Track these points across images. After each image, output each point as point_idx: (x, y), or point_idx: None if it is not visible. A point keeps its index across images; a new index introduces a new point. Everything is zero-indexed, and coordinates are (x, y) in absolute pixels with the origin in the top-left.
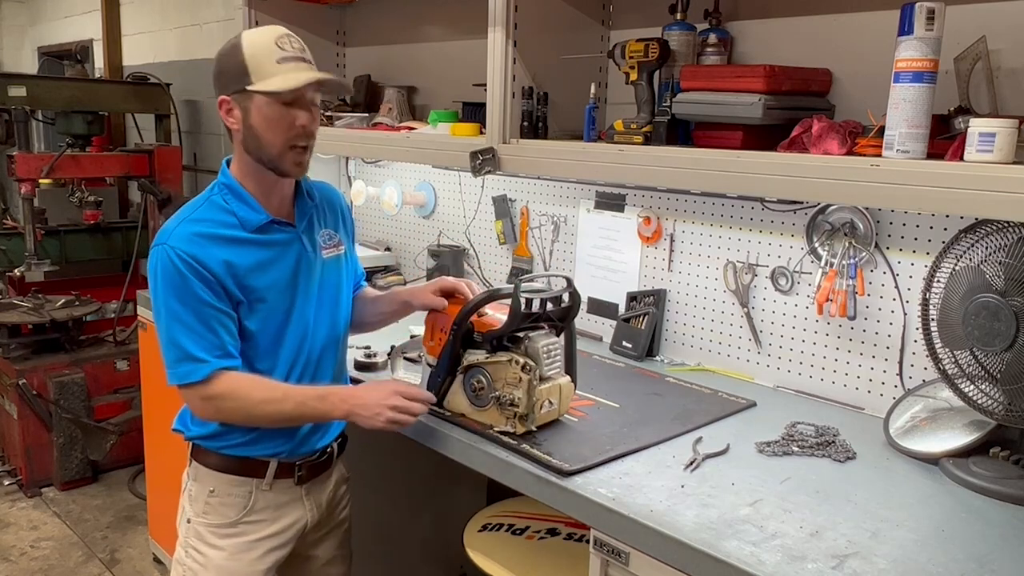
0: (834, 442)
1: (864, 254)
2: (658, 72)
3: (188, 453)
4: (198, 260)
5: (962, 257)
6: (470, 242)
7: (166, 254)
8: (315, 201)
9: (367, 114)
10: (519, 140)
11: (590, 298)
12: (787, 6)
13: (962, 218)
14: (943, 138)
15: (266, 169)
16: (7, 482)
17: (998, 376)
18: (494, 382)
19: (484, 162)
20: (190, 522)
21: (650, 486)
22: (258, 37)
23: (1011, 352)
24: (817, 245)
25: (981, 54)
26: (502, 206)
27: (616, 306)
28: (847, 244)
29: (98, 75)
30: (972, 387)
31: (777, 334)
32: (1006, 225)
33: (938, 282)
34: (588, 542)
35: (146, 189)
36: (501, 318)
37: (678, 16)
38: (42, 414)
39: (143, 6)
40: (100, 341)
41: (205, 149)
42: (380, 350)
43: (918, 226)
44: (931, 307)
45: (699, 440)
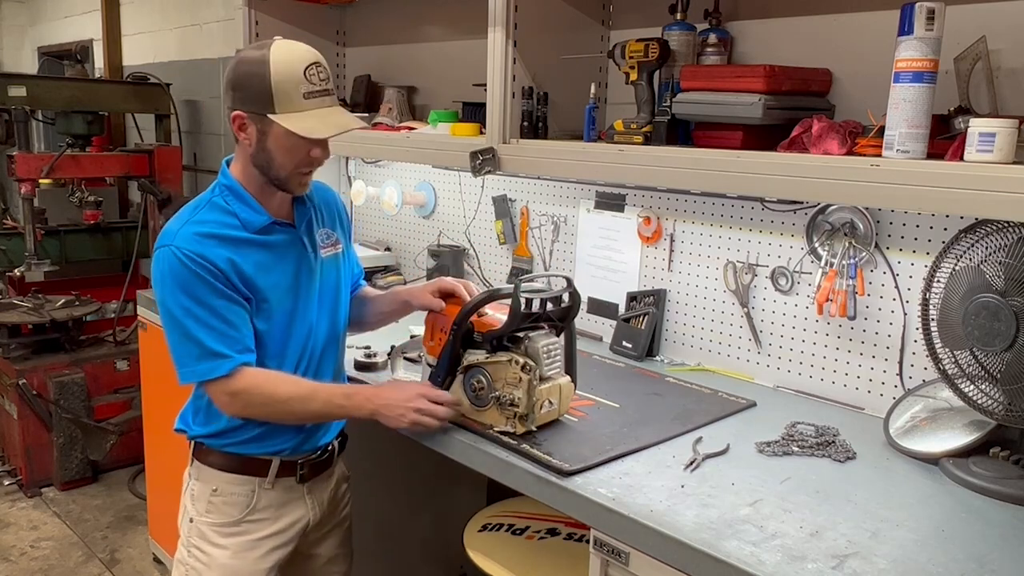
0: (834, 442)
1: (864, 254)
2: (658, 72)
3: (190, 452)
4: (205, 258)
5: (962, 257)
6: (470, 242)
7: (173, 255)
8: (313, 202)
9: (367, 114)
10: (519, 140)
11: (590, 298)
12: (787, 6)
13: (962, 218)
14: (943, 138)
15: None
16: (7, 482)
17: (998, 376)
18: (494, 382)
19: (484, 162)
20: (192, 521)
21: (650, 486)
22: (286, 64)
23: (1011, 352)
24: (817, 245)
25: (981, 54)
26: (502, 206)
27: (616, 306)
28: (847, 244)
29: (98, 75)
30: (972, 387)
31: (777, 334)
32: (1006, 225)
33: (938, 282)
34: (588, 542)
35: (146, 189)
36: (501, 318)
37: (678, 16)
38: (42, 414)
39: (143, 6)
40: (100, 341)
41: (205, 149)
42: (380, 350)
43: (918, 226)
44: (931, 307)
45: (699, 440)
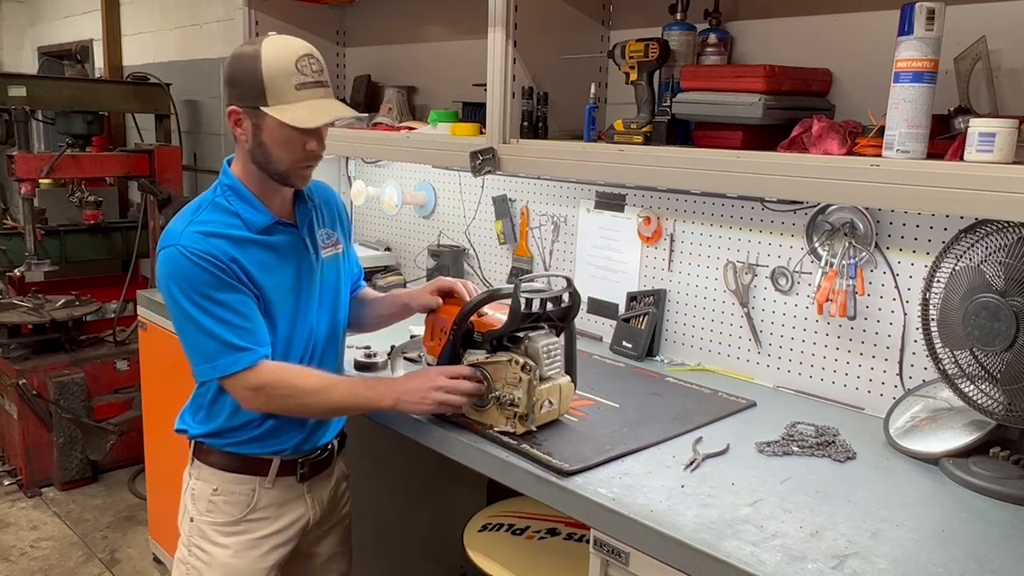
0: (834, 442)
1: (864, 254)
2: (658, 72)
3: (190, 452)
4: (212, 255)
5: (962, 257)
6: (470, 242)
7: (179, 254)
8: (314, 201)
9: (367, 114)
10: (519, 140)
11: (590, 298)
12: (787, 6)
13: (962, 218)
14: (943, 138)
15: (270, 177)
16: (7, 482)
17: (998, 376)
18: (494, 382)
19: (484, 162)
20: (193, 521)
21: (650, 486)
22: (278, 56)
23: (1011, 352)
24: (817, 245)
25: (981, 54)
26: (502, 206)
27: (616, 306)
28: (847, 244)
29: (98, 75)
30: (972, 387)
31: (777, 334)
32: (1006, 225)
33: (938, 282)
34: (588, 542)
35: (146, 189)
36: (501, 318)
37: (678, 16)
38: (42, 414)
39: (143, 6)
40: (100, 341)
41: (205, 149)
42: (380, 350)
43: (918, 226)
44: (931, 307)
45: (699, 440)
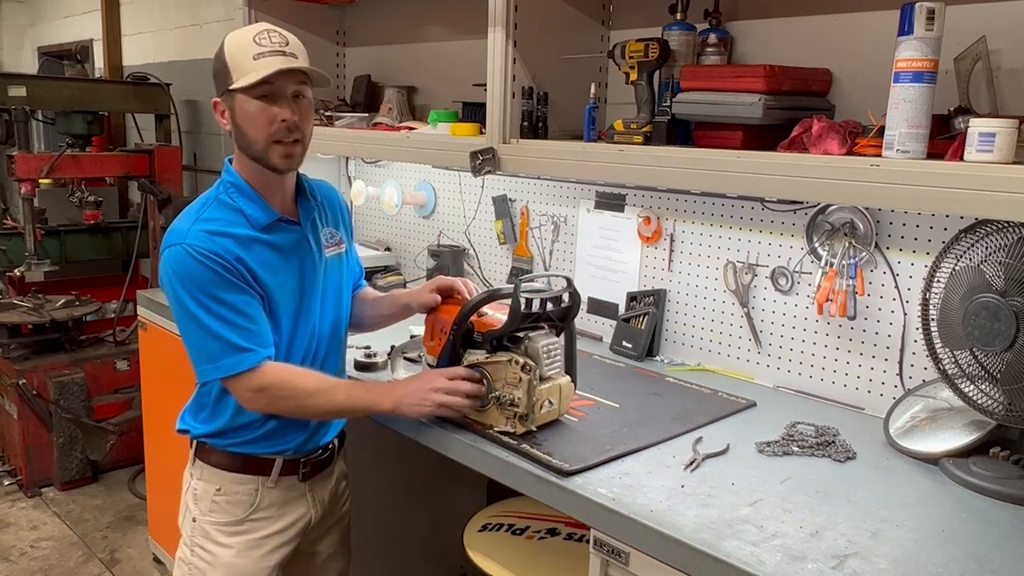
0: (834, 442)
1: (864, 254)
2: (658, 72)
3: (191, 452)
4: (218, 255)
5: (962, 257)
6: (470, 242)
7: (185, 252)
8: (317, 200)
9: (367, 114)
10: (519, 140)
11: (590, 298)
12: (787, 6)
13: (962, 218)
14: (943, 138)
15: (262, 167)
16: (7, 482)
17: (998, 376)
18: (494, 382)
19: (484, 162)
20: (196, 521)
21: (650, 486)
22: (238, 36)
23: (1011, 352)
24: (817, 245)
25: (981, 54)
26: (502, 206)
27: (616, 306)
28: (847, 244)
29: (98, 75)
30: (972, 387)
31: (777, 334)
32: (1006, 225)
33: (938, 282)
34: (588, 542)
35: (146, 189)
36: (501, 318)
37: (678, 16)
38: (42, 414)
39: (143, 6)
40: (100, 341)
41: (205, 149)
42: (380, 350)
43: (918, 226)
44: (931, 307)
45: (699, 440)
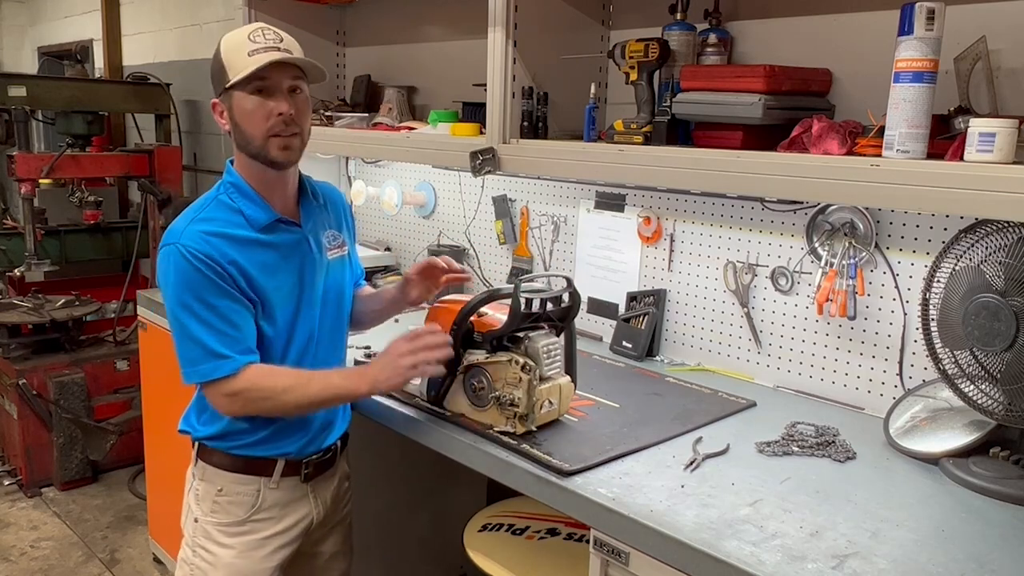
0: (834, 442)
1: (864, 254)
2: (658, 72)
3: (194, 453)
4: (211, 258)
5: (962, 257)
6: (470, 242)
7: (179, 253)
8: (319, 202)
9: (367, 114)
10: (519, 140)
11: (590, 298)
12: (787, 6)
13: (962, 218)
14: (943, 138)
15: (262, 165)
16: (7, 482)
17: (998, 376)
18: (494, 382)
19: (484, 162)
20: (197, 521)
21: (650, 486)
22: (233, 35)
23: (1011, 352)
24: (817, 245)
25: (981, 54)
26: (502, 206)
27: (616, 306)
28: (847, 244)
29: (98, 75)
30: (972, 387)
31: (777, 334)
32: (1006, 225)
33: (938, 282)
34: (588, 542)
35: (146, 189)
36: (501, 318)
37: (678, 16)
38: (42, 414)
39: (143, 6)
40: (100, 341)
41: (205, 149)
42: (380, 350)
43: (918, 226)
44: (931, 307)
45: (699, 440)
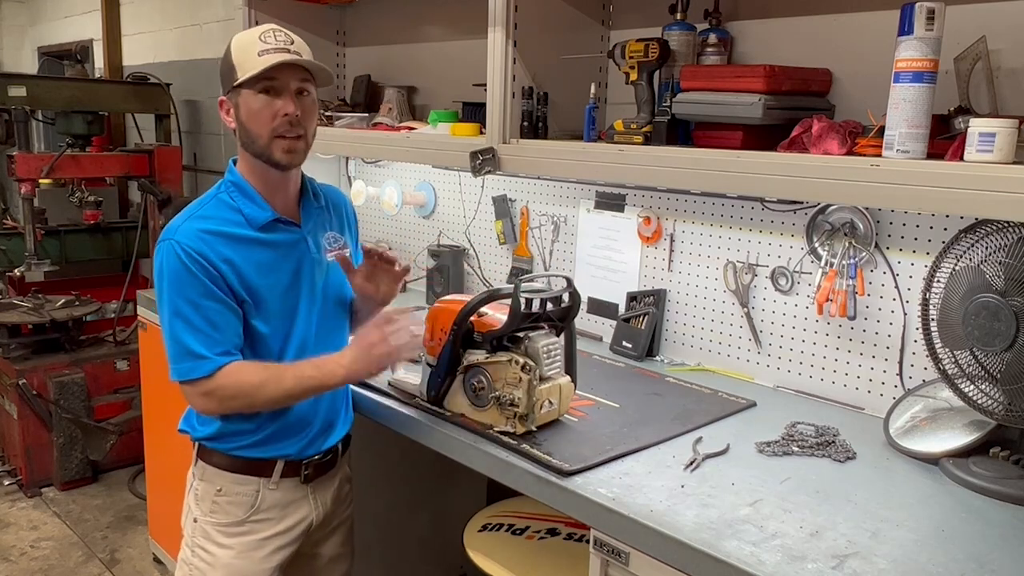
0: (834, 442)
1: (864, 254)
2: (658, 72)
3: (194, 453)
4: (204, 256)
5: (962, 257)
6: (470, 242)
7: (172, 249)
8: (321, 203)
9: (367, 114)
10: (519, 140)
11: (590, 298)
12: (787, 6)
13: (962, 218)
14: (943, 138)
15: (266, 165)
16: (7, 482)
17: (998, 376)
18: (494, 382)
19: (484, 162)
20: (196, 521)
21: (650, 486)
22: (244, 35)
23: (1011, 352)
24: (817, 245)
25: (981, 54)
26: (502, 206)
27: (616, 306)
28: (847, 244)
29: (98, 75)
30: (972, 387)
31: (777, 334)
32: (1006, 225)
33: (938, 282)
34: (588, 542)
35: (146, 189)
36: (501, 318)
37: (678, 16)
38: (42, 414)
39: (143, 6)
40: (100, 341)
41: (205, 149)
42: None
43: (918, 226)
44: (931, 307)
45: (699, 440)
